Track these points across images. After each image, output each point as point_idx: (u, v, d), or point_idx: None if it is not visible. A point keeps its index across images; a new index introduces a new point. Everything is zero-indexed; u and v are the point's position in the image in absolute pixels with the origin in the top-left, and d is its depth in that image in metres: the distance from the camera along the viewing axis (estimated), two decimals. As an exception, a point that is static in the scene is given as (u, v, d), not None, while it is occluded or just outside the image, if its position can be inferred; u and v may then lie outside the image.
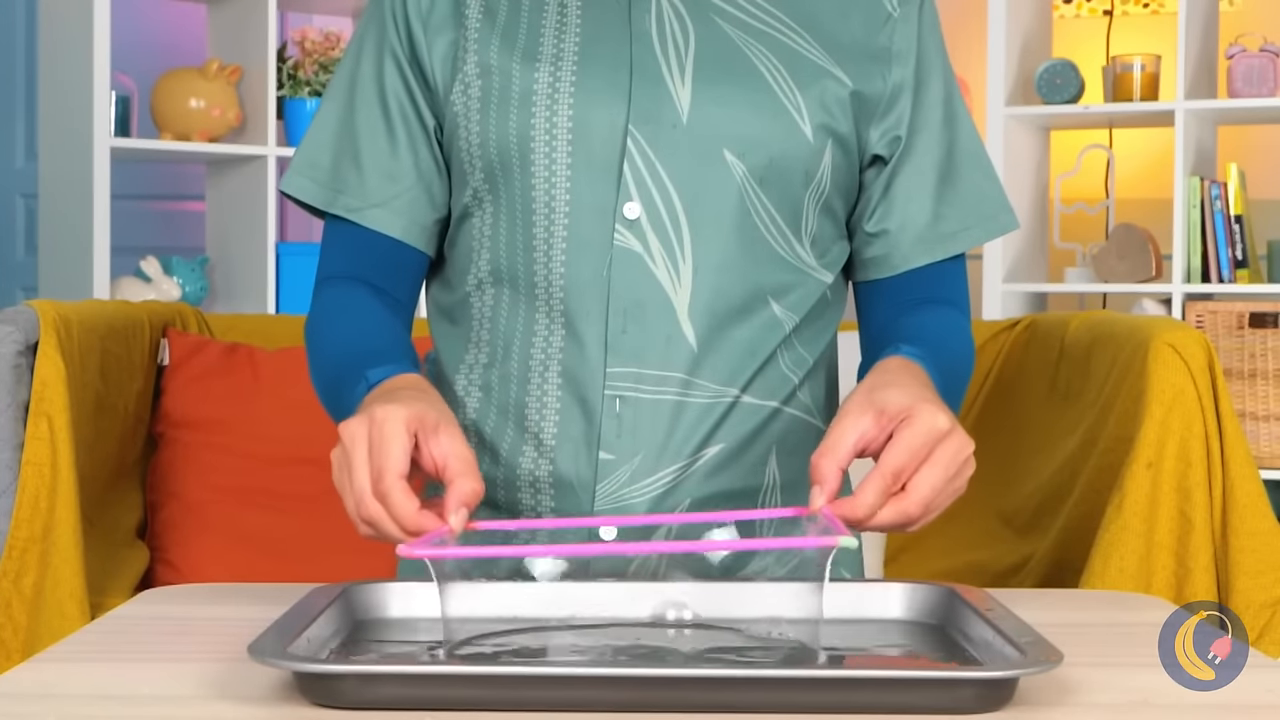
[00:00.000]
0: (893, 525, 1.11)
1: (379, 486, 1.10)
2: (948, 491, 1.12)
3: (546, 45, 1.36)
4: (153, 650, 1.10)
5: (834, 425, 1.13)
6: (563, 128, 1.34)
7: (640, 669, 0.95)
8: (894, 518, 1.10)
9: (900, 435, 1.11)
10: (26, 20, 4.90)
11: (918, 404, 1.12)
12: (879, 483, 1.10)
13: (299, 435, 2.36)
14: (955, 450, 1.12)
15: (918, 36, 1.41)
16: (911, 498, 1.10)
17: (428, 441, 1.12)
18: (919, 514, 1.11)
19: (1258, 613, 1.76)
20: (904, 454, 1.10)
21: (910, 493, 1.10)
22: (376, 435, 1.11)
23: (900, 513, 1.10)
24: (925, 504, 1.11)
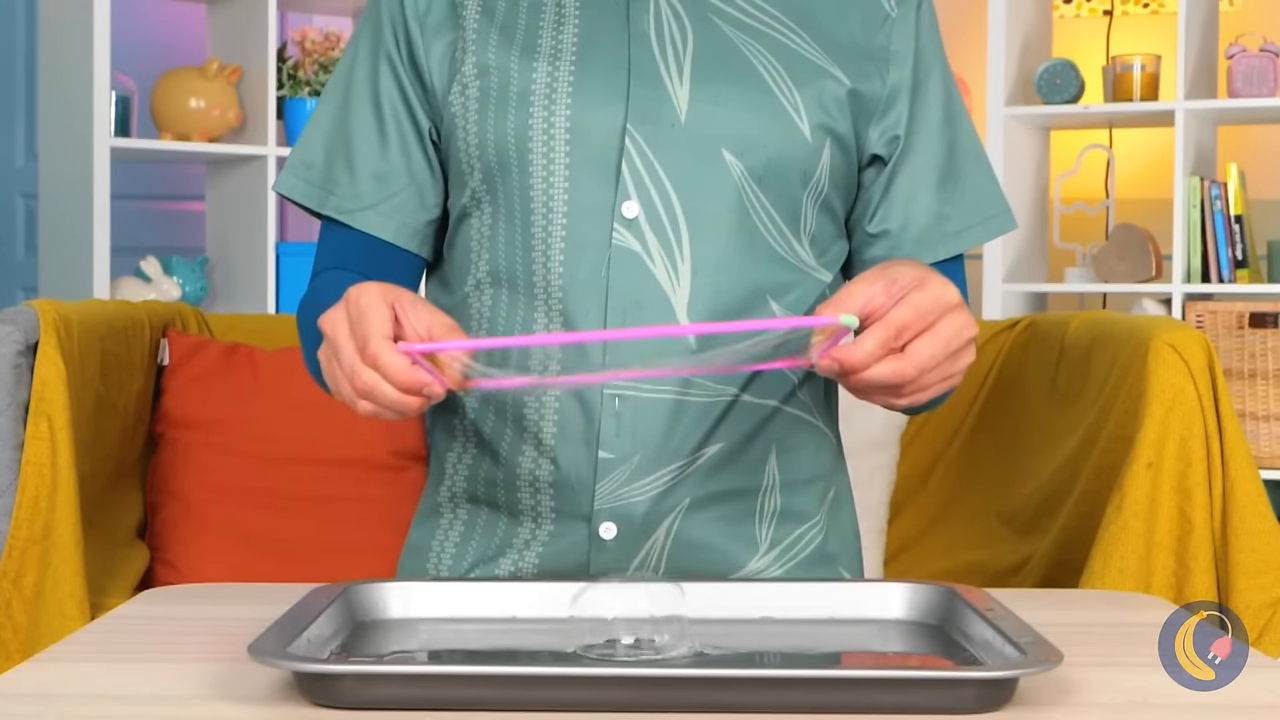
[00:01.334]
0: (885, 381, 1.10)
1: (366, 352, 1.10)
2: (944, 369, 1.12)
3: (545, 43, 1.37)
4: (153, 650, 1.10)
5: (845, 286, 1.12)
6: (560, 127, 1.34)
7: (640, 669, 0.95)
8: (888, 374, 1.10)
9: (910, 296, 1.10)
10: (26, 20, 4.90)
11: (930, 275, 1.12)
12: (880, 333, 1.09)
13: (299, 435, 2.36)
14: (960, 326, 1.11)
15: (915, 36, 1.41)
16: (910, 359, 1.10)
17: (406, 315, 1.13)
18: (913, 375, 1.10)
19: (1258, 613, 1.77)
20: (910, 312, 1.10)
21: (909, 354, 1.10)
22: (354, 310, 1.12)
23: (896, 370, 1.09)
24: (921, 367, 1.10)
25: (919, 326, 1.10)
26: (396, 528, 2.12)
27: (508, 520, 1.38)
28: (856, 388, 1.13)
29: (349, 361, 1.11)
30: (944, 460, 2.35)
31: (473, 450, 1.40)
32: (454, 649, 1.13)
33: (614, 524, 1.32)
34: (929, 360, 1.10)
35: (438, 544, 1.42)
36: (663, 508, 1.33)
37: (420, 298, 1.16)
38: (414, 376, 1.09)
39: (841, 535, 1.45)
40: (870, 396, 1.15)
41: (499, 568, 1.38)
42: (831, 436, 1.45)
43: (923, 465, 2.37)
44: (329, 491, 2.36)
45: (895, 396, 1.14)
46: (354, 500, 2.36)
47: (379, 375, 1.10)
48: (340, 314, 1.13)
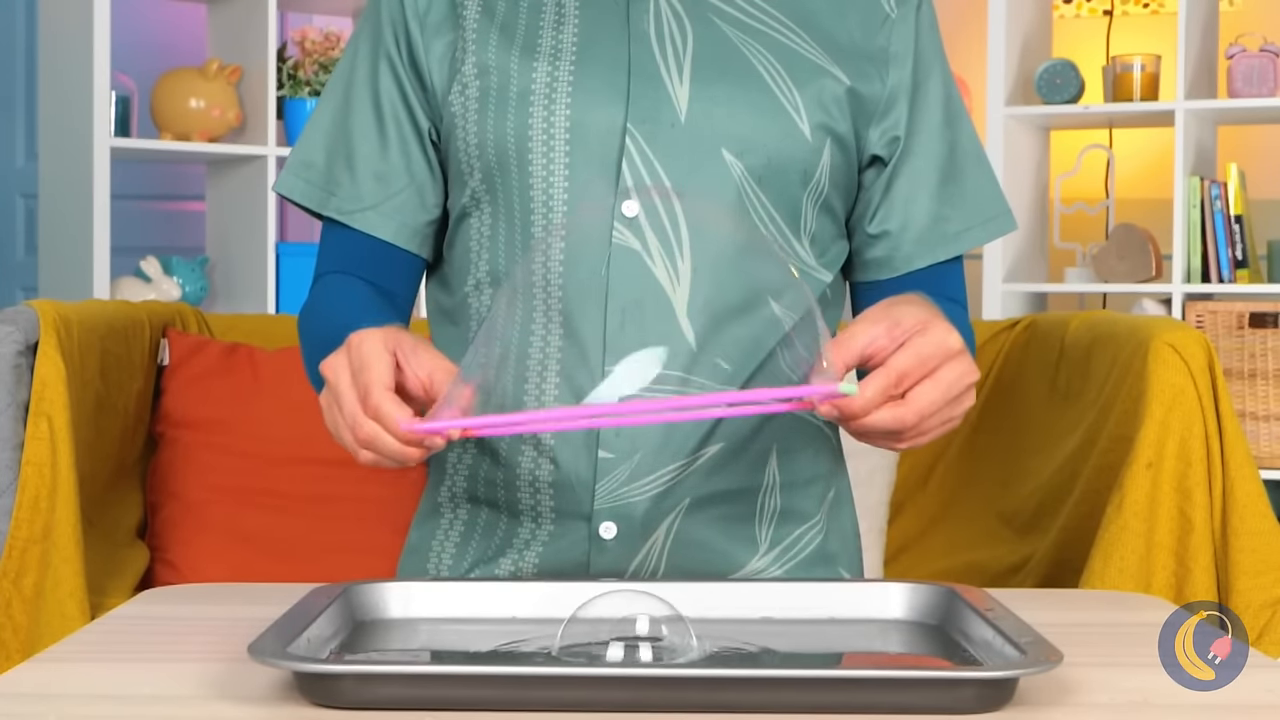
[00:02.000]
0: (885, 428, 1.10)
1: (368, 403, 1.10)
2: (944, 414, 1.12)
3: (545, 43, 1.37)
4: (153, 650, 1.10)
5: (848, 327, 1.13)
6: (560, 127, 1.34)
7: (640, 669, 0.95)
8: (889, 420, 1.10)
9: (912, 342, 1.11)
10: (26, 20, 4.90)
11: (934, 320, 1.12)
12: (882, 380, 1.09)
13: (299, 435, 2.36)
14: (961, 373, 1.12)
15: (915, 37, 1.41)
16: (910, 406, 1.10)
17: (408, 361, 1.13)
18: (913, 423, 1.10)
19: (1258, 613, 1.76)
20: (912, 359, 1.10)
21: (909, 401, 1.10)
22: (356, 358, 1.12)
23: (896, 417, 1.10)
24: (921, 414, 1.10)
25: (920, 373, 1.10)
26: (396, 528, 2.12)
27: (508, 520, 1.38)
28: (857, 432, 1.14)
29: (350, 411, 1.11)
30: (944, 460, 2.35)
31: (473, 450, 1.40)
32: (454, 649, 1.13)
33: (614, 524, 1.32)
34: (929, 407, 1.11)
35: (438, 544, 1.42)
36: (663, 507, 1.33)
37: (422, 341, 1.17)
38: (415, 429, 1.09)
39: (842, 535, 1.45)
40: (870, 440, 1.16)
41: (499, 568, 1.38)
42: (831, 437, 1.46)
43: (923, 465, 2.37)
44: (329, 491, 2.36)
45: (895, 441, 1.14)
46: (354, 500, 2.36)
47: (380, 427, 1.10)
48: (342, 361, 1.13)
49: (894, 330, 1.11)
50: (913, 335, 1.11)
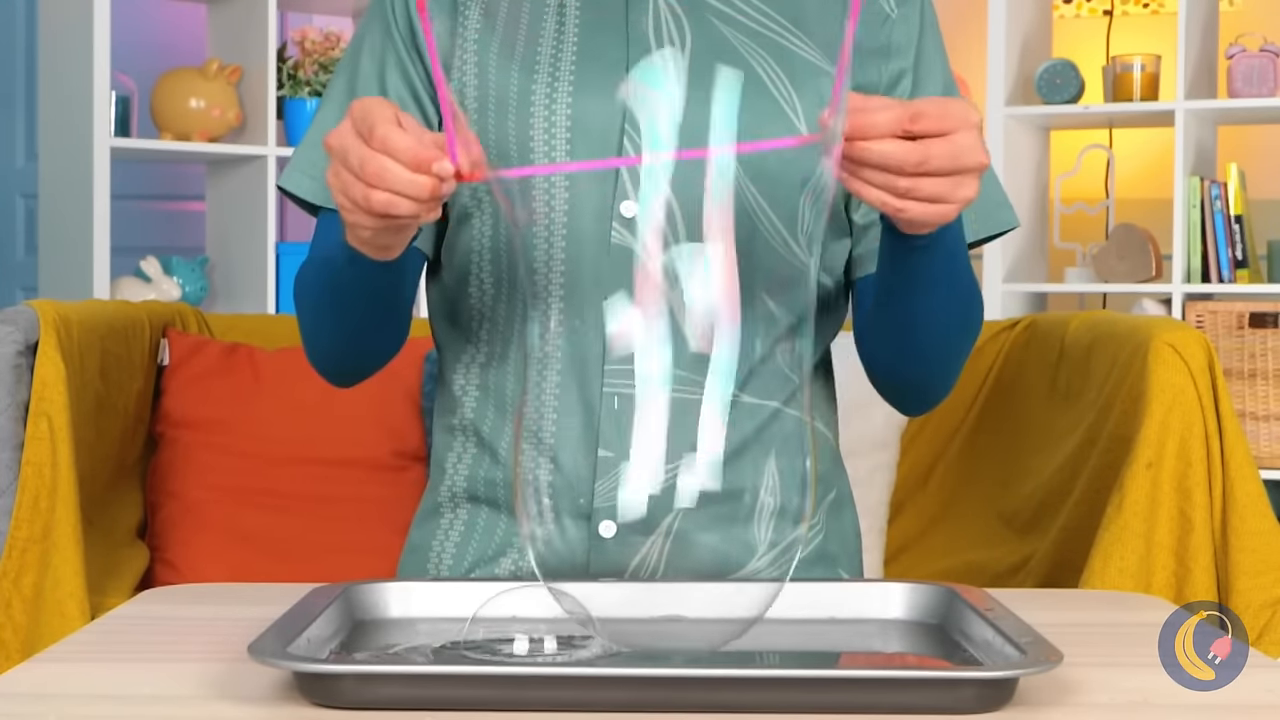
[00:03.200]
0: (886, 160, 1.05)
1: (374, 138, 1.06)
2: (945, 183, 1.07)
3: (545, 47, 1.37)
4: (153, 650, 1.10)
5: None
6: (561, 127, 1.34)
7: (640, 669, 0.95)
8: (893, 151, 1.05)
9: (936, 98, 1.07)
10: (26, 20, 4.91)
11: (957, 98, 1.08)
12: (899, 109, 1.05)
13: (299, 435, 2.36)
14: (974, 145, 1.07)
15: (918, 34, 1.41)
16: (918, 147, 1.05)
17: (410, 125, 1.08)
18: (916, 163, 1.05)
19: (1258, 613, 1.76)
20: (934, 106, 1.06)
21: (917, 144, 1.06)
22: (359, 112, 1.08)
23: (902, 150, 1.05)
24: (926, 158, 1.05)
25: (937, 125, 1.06)
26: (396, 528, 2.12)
27: (508, 520, 1.38)
28: (856, 160, 1.07)
29: (357, 153, 1.07)
30: (944, 460, 2.35)
31: (472, 450, 1.41)
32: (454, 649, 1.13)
33: (613, 523, 1.32)
34: (936, 159, 1.06)
35: (438, 544, 1.42)
36: (662, 507, 1.33)
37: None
38: (424, 152, 1.05)
39: (841, 537, 1.45)
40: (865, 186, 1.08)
41: (499, 568, 1.38)
42: (831, 438, 1.46)
43: (923, 465, 2.37)
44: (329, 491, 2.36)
45: (889, 189, 1.08)
46: (354, 500, 2.36)
47: (388, 158, 1.06)
48: (344, 125, 1.09)
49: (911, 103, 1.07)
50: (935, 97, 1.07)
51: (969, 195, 1.10)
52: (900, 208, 1.09)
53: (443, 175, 1.05)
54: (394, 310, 1.37)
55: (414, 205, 1.07)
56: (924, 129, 1.06)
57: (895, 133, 1.05)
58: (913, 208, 1.09)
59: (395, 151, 1.05)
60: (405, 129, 1.07)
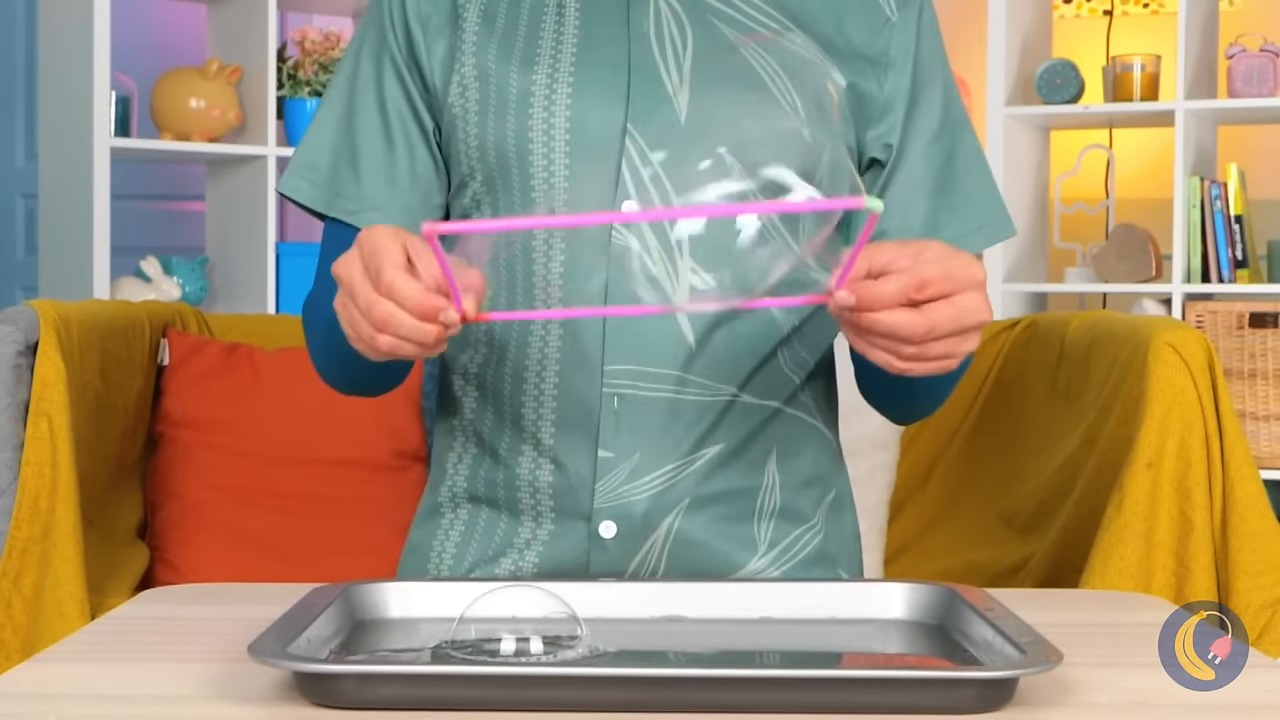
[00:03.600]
0: (894, 330, 1.07)
1: (380, 282, 1.07)
2: (949, 345, 1.10)
3: (545, 48, 1.36)
4: (153, 650, 1.10)
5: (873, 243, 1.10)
6: (560, 128, 1.34)
7: (640, 669, 0.95)
8: (900, 322, 1.07)
9: (941, 257, 1.08)
10: (26, 20, 4.90)
11: (960, 251, 1.10)
12: (905, 280, 1.07)
13: (299, 435, 2.36)
14: (978, 305, 1.09)
15: (916, 41, 1.40)
16: (924, 315, 1.07)
17: (418, 256, 1.09)
18: (923, 331, 1.07)
19: (1258, 613, 1.76)
20: (938, 271, 1.07)
21: (924, 311, 1.07)
22: (367, 246, 1.09)
23: (909, 320, 1.07)
24: (932, 327, 1.07)
25: (941, 289, 1.07)
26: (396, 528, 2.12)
27: (508, 520, 1.38)
28: (863, 329, 1.09)
29: (364, 295, 1.08)
30: (944, 460, 2.35)
31: (473, 450, 1.41)
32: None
33: (614, 523, 1.32)
34: (942, 324, 1.08)
35: (438, 544, 1.43)
36: (662, 507, 1.33)
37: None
38: (430, 301, 1.06)
39: (841, 537, 1.45)
40: (871, 348, 1.11)
41: (499, 568, 1.38)
42: (831, 438, 1.46)
43: (923, 465, 2.37)
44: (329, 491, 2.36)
45: (895, 355, 1.10)
46: (354, 500, 2.36)
47: (394, 304, 1.07)
48: (353, 255, 1.10)
49: (920, 255, 1.09)
50: (942, 254, 1.09)
51: (971, 348, 1.12)
52: (906, 369, 1.11)
53: (449, 323, 1.07)
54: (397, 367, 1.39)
55: (419, 349, 1.09)
56: (930, 295, 1.08)
57: (901, 302, 1.07)
58: (918, 368, 1.11)
59: (401, 300, 1.06)
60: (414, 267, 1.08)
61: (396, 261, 1.07)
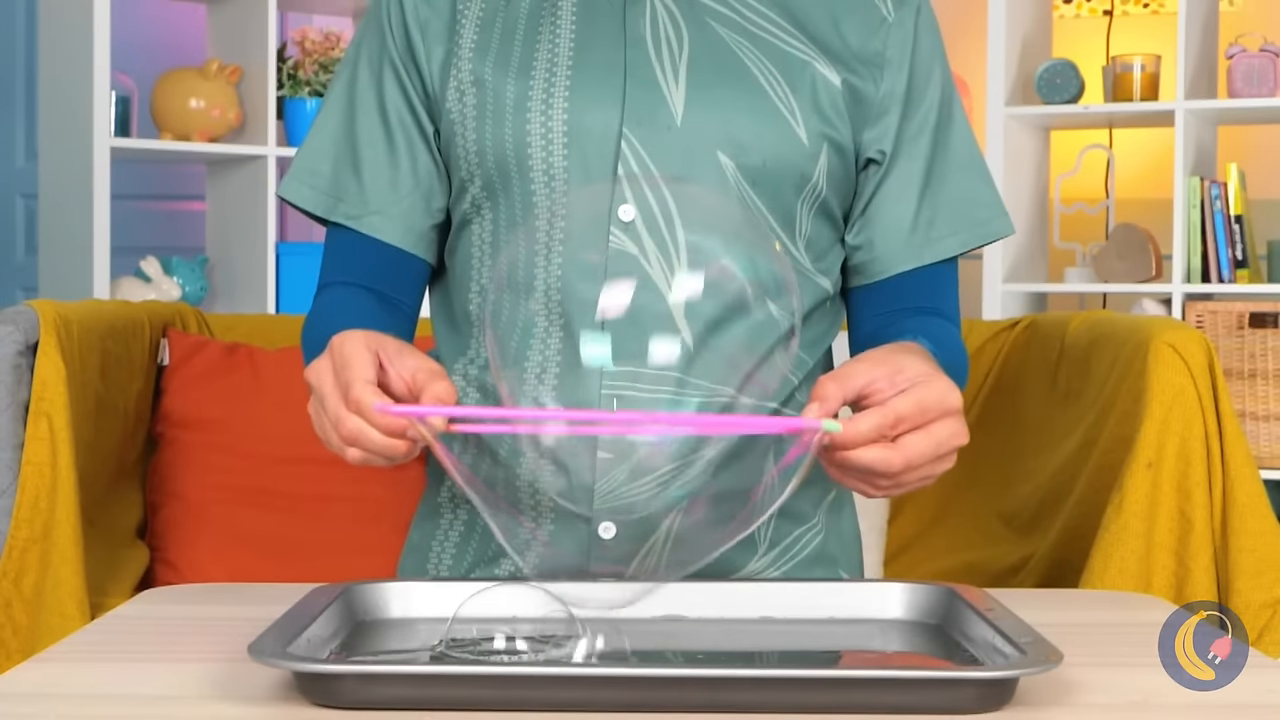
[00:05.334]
0: (870, 467, 1.09)
1: (349, 397, 1.08)
2: (927, 469, 1.11)
3: (541, 52, 1.36)
4: (153, 650, 1.10)
5: (847, 364, 1.12)
6: (558, 131, 1.34)
7: (640, 669, 0.95)
8: (876, 460, 1.08)
9: (915, 390, 1.09)
10: (26, 20, 4.91)
11: (937, 374, 1.11)
12: (878, 418, 1.08)
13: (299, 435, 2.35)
14: (954, 432, 1.11)
15: (913, 42, 1.40)
16: (899, 451, 1.09)
17: (391, 362, 1.11)
18: (899, 468, 1.09)
19: (1258, 613, 1.76)
20: (912, 405, 1.09)
21: (899, 446, 1.09)
22: (338, 358, 1.11)
23: (884, 459, 1.08)
24: (908, 463, 1.09)
25: (916, 421, 1.09)
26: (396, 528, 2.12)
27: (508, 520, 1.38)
28: (839, 465, 1.11)
29: (334, 409, 1.10)
30: (944, 460, 2.34)
31: (472, 451, 1.41)
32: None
33: (613, 524, 1.32)
34: (917, 458, 1.09)
35: (438, 544, 1.43)
36: (662, 507, 1.33)
37: (406, 344, 1.15)
38: (398, 421, 1.08)
39: (841, 538, 1.45)
40: (846, 479, 1.13)
41: (499, 568, 1.38)
42: (831, 437, 1.45)
43: (923, 465, 2.37)
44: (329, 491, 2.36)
45: (872, 486, 1.12)
46: (354, 500, 2.35)
47: (364, 421, 1.08)
48: (325, 363, 1.12)
49: (896, 376, 1.10)
50: (916, 385, 1.10)
51: (948, 467, 1.13)
52: (885, 495, 1.13)
53: (416, 440, 1.09)
54: None
55: (388, 462, 1.11)
56: (905, 429, 1.09)
57: (876, 440, 1.08)
58: (897, 492, 1.13)
59: (371, 419, 1.08)
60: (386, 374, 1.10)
61: (367, 377, 1.09)
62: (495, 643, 1.03)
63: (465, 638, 1.05)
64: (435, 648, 1.04)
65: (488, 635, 1.04)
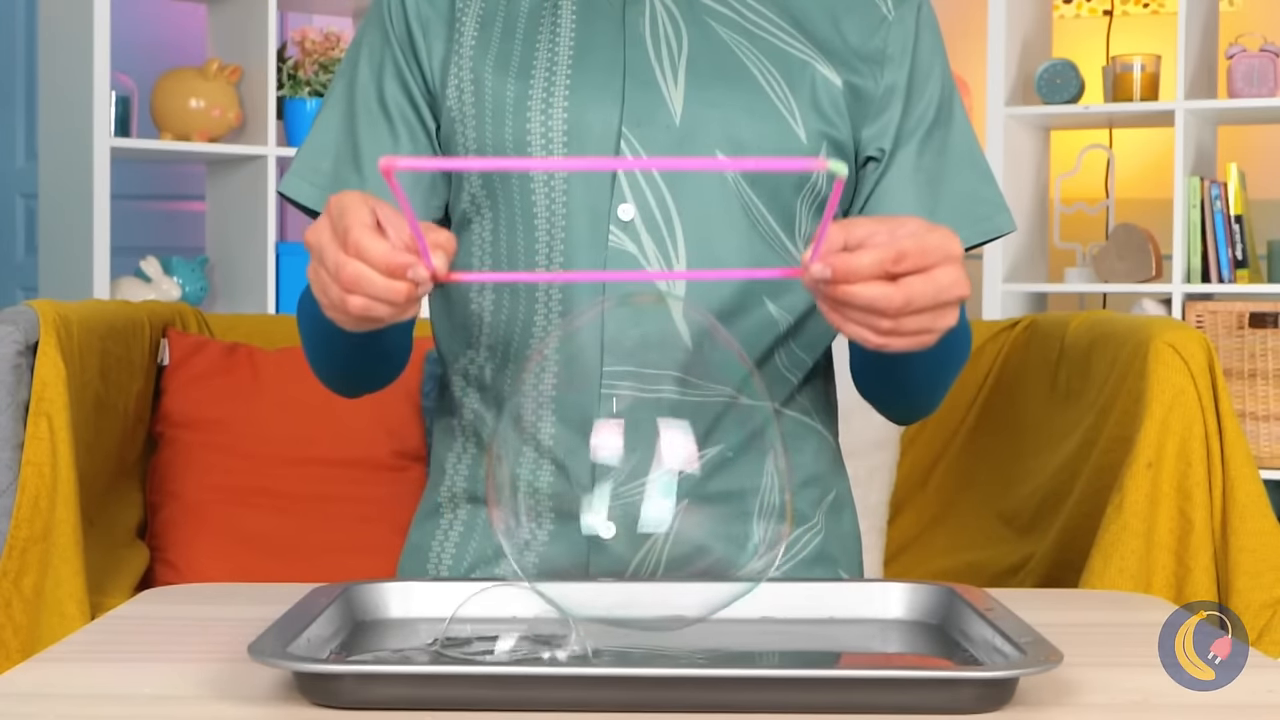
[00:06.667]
0: (870, 303, 1.06)
1: (348, 243, 1.06)
2: (926, 319, 1.08)
3: (541, 54, 1.37)
4: (153, 650, 1.10)
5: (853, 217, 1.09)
6: (558, 130, 1.34)
7: (640, 669, 0.95)
8: (875, 295, 1.06)
9: (918, 231, 1.07)
10: (26, 20, 4.90)
11: (938, 225, 1.09)
12: (881, 252, 1.05)
13: (299, 435, 2.36)
14: (956, 279, 1.08)
15: (915, 38, 1.40)
16: (900, 289, 1.06)
17: (388, 221, 1.08)
18: (899, 305, 1.06)
19: (1258, 613, 1.76)
20: (915, 244, 1.06)
21: (901, 285, 1.06)
22: (335, 211, 1.08)
23: (884, 294, 1.06)
24: (909, 300, 1.06)
25: (918, 262, 1.06)
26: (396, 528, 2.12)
27: (508, 519, 1.38)
28: (839, 302, 1.08)
29: (333, 257, 1.07)
30: (944, 460, 2.35)
31: (472, 451, 1.41)
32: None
33: (613, 524, 1.32)
34: (919, 298, 1.07)
35: (438, 544, 1.43)
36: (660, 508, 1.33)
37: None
38: (398, 258, 1.05)
39: (841, 539, 1.45)
40: (847, 322, 1.10)
41: (499, 568, 1.38)
42: (831, 439, 1.46)
43: (923, 465, 2.37)
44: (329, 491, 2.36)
45: (872, 330, 1.09)
46: (354, 500, 2.36)
47: (363, 264, 1.06)
48: (322, 221, 1.10)
49: (897, 229, 1.08)
50: (919, 229, 1.08)
51: (949, 324, 1.11)
52: (882, 344, 1.10)
53: (417, 280, 1.06)
54: (385, 353, 1.38)
55: (390, 309, 1.08)
56: (906, 269, 1.06)
57: (878, 275, 1.06)
58: (895, 343, 1.10)
59: (369, 259, 1.05)
60: (382, 227, 1.07)
61: (364, 221, 1.07)
62: (494, 643, 1.03)
63: (463, 637, 1.05)
64: (431, 646, 1.04)
65: (486, 635, 1.04)
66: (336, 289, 1.08)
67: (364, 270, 1.06)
